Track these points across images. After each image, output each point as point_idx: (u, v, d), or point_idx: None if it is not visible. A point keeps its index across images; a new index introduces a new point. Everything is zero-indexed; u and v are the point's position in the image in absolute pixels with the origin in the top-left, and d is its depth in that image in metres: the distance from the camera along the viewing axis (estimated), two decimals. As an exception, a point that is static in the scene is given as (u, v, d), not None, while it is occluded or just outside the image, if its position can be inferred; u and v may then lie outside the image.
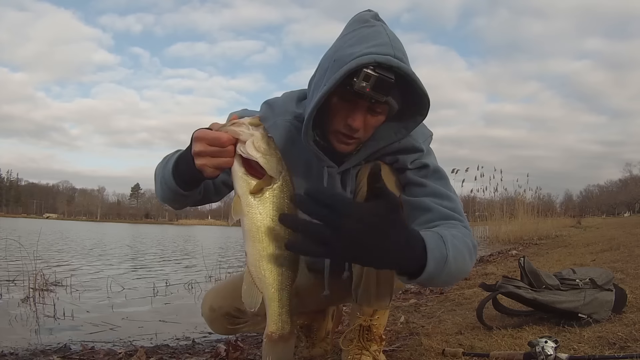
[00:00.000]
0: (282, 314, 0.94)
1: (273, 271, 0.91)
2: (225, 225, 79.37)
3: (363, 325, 1.36)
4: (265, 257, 0.90)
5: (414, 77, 1.07)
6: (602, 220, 28.16)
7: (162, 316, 3.14)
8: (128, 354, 2.05)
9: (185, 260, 8.23)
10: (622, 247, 4.91)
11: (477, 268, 4.84)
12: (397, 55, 1.06)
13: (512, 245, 9.09)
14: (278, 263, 0.91)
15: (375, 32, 1.10)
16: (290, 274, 0.93)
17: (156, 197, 1.31)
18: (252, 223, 0.89)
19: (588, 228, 14.69)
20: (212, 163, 0.93)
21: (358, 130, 1.14)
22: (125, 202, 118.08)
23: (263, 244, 0.90)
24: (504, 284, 1.94)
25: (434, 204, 1.19)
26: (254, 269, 0.92)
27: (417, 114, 1.18)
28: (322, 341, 1.75)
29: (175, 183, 1.09)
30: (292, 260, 0.93)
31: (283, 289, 0.93)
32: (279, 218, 0.86)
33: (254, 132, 0.89)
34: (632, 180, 71.99)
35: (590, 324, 1.77)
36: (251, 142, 0.88)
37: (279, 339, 0.95)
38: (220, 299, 1.46)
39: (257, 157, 0.88)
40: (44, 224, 27.82)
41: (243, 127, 0.90)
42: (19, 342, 2.35)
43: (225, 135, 0.89)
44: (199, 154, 0.93)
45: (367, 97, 1.06)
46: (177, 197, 1.16)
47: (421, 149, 1.27)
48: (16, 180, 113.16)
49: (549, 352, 1.32)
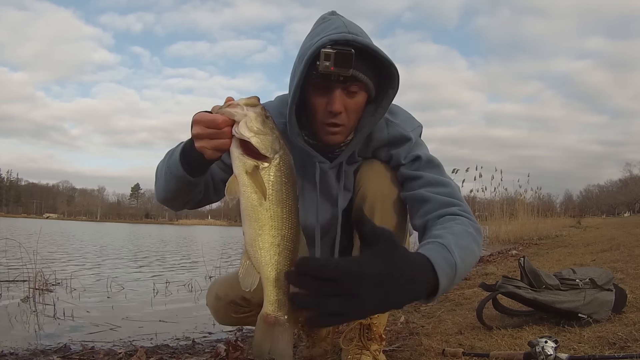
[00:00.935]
0: (279, 294, 0.91)
1: (270, 250, 0.90)
2: (225, 225, 79.50)
3: (363, 324, 1.37)
4: (261, 236, 0.90)
5: (373, 48, 1.14)
6: (602, 220, 28.17)
7: (162, 316, 3.14)
8: (128, 354, 2.05)
9: (185, 260, 8.22)
10: (622, 247, 4.91)
11: (477, 268, 4.84)
12: (352, 32, 1.13)
13: (512, 245, 9.09)
14: (275, 242, 0.90)
15: (330, 22, 1.19)
16: (289, 254, 0.92)
17: (156, 198, 1.30)
18: (247, 202, 0.90)
19: (588, 228, 14.69)
20: (210, 145, 0.95)
21: (340, 114, 1.17)
22: (125, 202, 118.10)
23: (259, 222, 0.90)
24: (504, 284, 1.94)
25: (431, 194, 1.21)
26: (251, 249, 0.91)
27: (389, 88, 1.22)
28: (322, 341, 1.75)
29: (183, 169, 1.10)
30: (291, 240, 0.92)
31: (280, 269, 0.91)
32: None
33: (248, 113, 0.90)
34: (632, 180, 71.99)
35: (590, 324, 1.77)
36: (244, 122, 0.89)
37: (275, 323, 0.92)
38: (226, 287, 1.48)
39: (250, 137, 0.88)
40: (44, 224, 27.82)
41: (237, 108, 0.91)
42: (19, 342, 2.35)
43: (221, 117, 0.91)
44: (197, 136, 0.96)
45: (334, 77, 1.12)
46: (182, 188, 1.16)
47: (409, 137, 1.30)
48: (16, 180, 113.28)
49: (549, 352, 1.32)
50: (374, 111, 1.26)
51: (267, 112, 0.92)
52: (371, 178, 1.32)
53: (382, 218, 1.27)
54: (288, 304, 0.93)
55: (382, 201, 1.29)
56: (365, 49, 1.13)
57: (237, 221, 1.59)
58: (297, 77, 1.15)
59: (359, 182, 1.34)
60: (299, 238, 0.94)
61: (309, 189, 1.35)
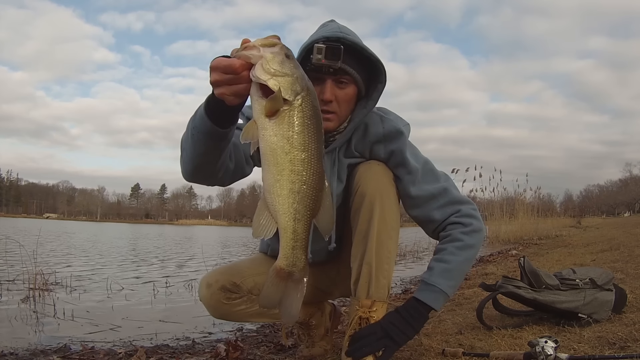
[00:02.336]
0: (295, 247, 0.85)
1: (289, 198, 0.83)
2: (225, 225, 79.50)
3: (362, 317, 1.39)
4: (280, 182, 0.83)
5: (361, 45, 1.29)
6: (602, 220, 28.17)
7: (162, 316, 3.14)
8: (128, 354, 2.05)
9: (185, 260, 8.23)
10: (622, 247, 4.91)
11: (477, 268, 4.84)
12: (343, 31, 1.29)
13: (512, 245, 9.10)
14: (295, 189, 0.84)
15: (327, 26, 1.35)
16: (309, 203, 0.85)
17: (183, 174, 1.23)
18: (267, 145, 0.84)
19: (588, 228, 14.68)
20: (229, 91, 0.94)
21: (331, 102, 1.31)
22: (125, 202, 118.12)
23: (278, 167, 0.83)
24: (504, 284, 1.94)
25: (434, 211, 1.42)
26: (269, 195, 0.85)
27: (378, 82, 1.37)
28: (322, 340, 1.75)
29: (211, 122, 1.05)
30: (312, 187, 0.85)
31: (299, 219, 0.84)
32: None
33: (264, 54, 0.84)
34: (632, 180, 71.99)
35: (590, 324, 1.77)
36: (260, 64, 0.84)
37: (287, 277, 0.87)
38: (216, 274, 1.53)
39: (267, 80, 0.83)
40: (43, 224, 27.83)
41: (254, 49, 0.86)
42: (19, 342, 2.35)
43: (237, 62, 0.88)
44: (216, 83, 0.95)
45: (325, 69, 1.26)
46: (212, 148, 1.12)
47: (402, 131, 1.44)
48: (16, 180, 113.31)
49: (549, 352, 1.32)
50: (365, 104, 1.40)
51: (288, 51, 0.88)
52: (370, 177, 1.41)
53: (381, 213, 1.38)
54: (304, 259, 0.87)
55: (381, 199, 1.39)
56: (354, 47, 1.28)
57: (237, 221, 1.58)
58: None
59: (358, 181, 1.41)
60: (322, 185, 0.87)
61: None
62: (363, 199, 1.39)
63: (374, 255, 1.38)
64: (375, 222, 1.37)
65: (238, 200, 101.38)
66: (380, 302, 1.41)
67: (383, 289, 1.40)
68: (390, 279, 1.43)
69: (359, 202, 1.40)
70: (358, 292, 1.40)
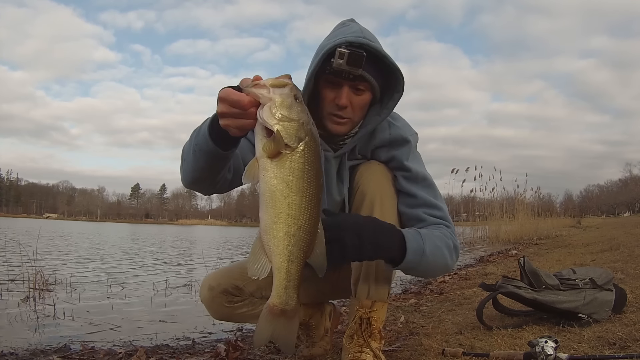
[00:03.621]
0: (288, 287, 0.88)
1: (284, 240, 0.87)
2: (225, 225, 79.49)
3: (362, 317, 1.39)
4: (277, 224, 0.86)
5: (383, 53, 1.25)
6: (602, 220, 28.19)
7: (162, 316, 3.14)
8: (128, 354, 2.05)
9: (185, 260, 8.22)
10: (622, 247, 4.91)
11: (477, 268, 4.84)
12: (366, 37, 1.25)
13: (512, 245, 9.10)
14: (290, 232, 0.86)
15: (349, 27, 1.30)
16: (303, 246, 0.88)
17: (183, 181, 1.28)
18: (266, 187, 0.86)
19: (588, 228, 14.69)
20: (235, 124, 0.95)
21: (346, 107, 1.28)
22: (125, 202, 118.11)
23: (276, 209, 0.86)
24: (504, 284, 1.94)
25: (426, 215, 1.36)
26: (265, 236, 0.88)
27: (395, 92, 1.33)
28: (322, 340, 1.75)
29: (214, 143, 1.08)
30: (307, 232, 0.88)
31: (292, 260, 0.87)
32: None
33: (273, 96, 0.86)
34: (632, 180, 72.03)
35: (590, 324, 1.77)
36: (268, 107, 0.85)
37: (280, 314, 0.90)
38: (218, 277, 1.52)
39: (273, 125, 0.84)
40: (43, 224, 27.83)
41: (263, 90, 0.87)
42: (19, 342, 2.35)
43: (246, 98, 0.89)
44: (222, 114, 0.96)
45: (345, 75, 1.23)
46: (212, 165, 1.15)
47: (408, 140, 1.42)
48: (16, 180, 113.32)
49: (549, 352, 1.32)
50: (379, 111, 1.37)
51: (297, 93, 0.89)
52: (371, 177, 1.40)
53: (381, 212, 1.35)
54: (296, 298, 0.91)
55: (381, 198, 1.37)
56: (376, 54, 1.24)
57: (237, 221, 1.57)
58: (311, 69, 1.26)
59: (359, 181, 1.41)
60: (316, 230, 0.90)
61: None
62: (363, 199, 1.38)
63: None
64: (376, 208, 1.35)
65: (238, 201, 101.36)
66: (380, 302, 1.40)
67: (383, 289, 1.40)
68: (390, 280, 1.42)
69: (359, 202, 1.39)
70: (358, 292, 1.40)
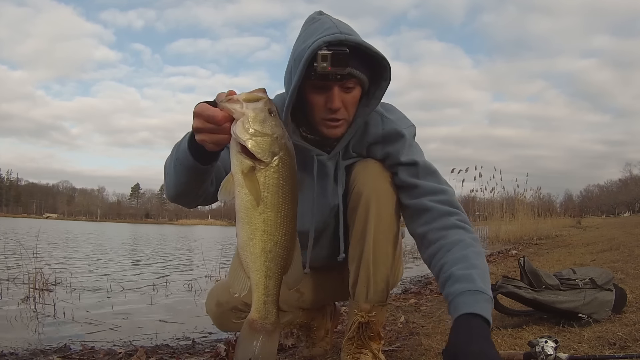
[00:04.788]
0: (267, 302, 0.89)
1: (261, 256, 0.87)
2: (225, 225, 79.41)
3: (362, 322, 1.36)
4: (253, 241, 0.86)
5: (365, 45, 1.19)
6: (602, 220, 28.18)
7: (162, 316, 3.14)
8: (128, 354, 2.05)
9: (185, 259, 8.23)
10: (622, 247, 4.91)
11: (477, 268, 4.82)
12: (343, 31, 1.19)
13: (512, 245, 9.09)
14: (267, 248, 0.87)
15: (321, 23, 1.24)
16: (280, 261, 0.88)
17: (166, 196, 1.28)
18: (242, 203, 0.85)
19: (588, 228, 14.68)
20: (210, 139, 0.94)
21: (339, 110, 1.23)
22: (125, 202, 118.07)
23: (251, 226, 0.86)
24: (504, 284, 1.94)
25: (432, 203, 1.28)
26: (242, 252, 0.88)
27: (382, 80, 1.27)
28: (322, 340, 1.75)
29: (193, 158, 1.07)
30: (284, 247, 0.88)
31: (270, 276, 0.88)
32: None
33: (246, 111, 0.84)
34: (632, 180, 72.01)
35: (590, 324, 1.76)
36: (241, 122, 0.84)
37: (260, 329, 0.91)
38: (227, 294, 1.46)
39: (245, 140, 0.83)
40: (43, 224, 27.83)
41: (237, 104, 0.86)
42: (19, 342, 2.35)
43: (220, 113, 0.88)
44: (197, 130, 0.95)
45: (332, 76, 1.17)
46: (193, 180, 1.14)
47: (403, 134, 1.35)
48: (16, 180, 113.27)
49: (549, 352, 1.31)
50: (367, 102, 1.31)
51: (271, 107, 0.87)
52: (367, 176, 1.35)
53: (377, 214, 1.31)
54: (276, 312, 0.91)
55: (377, 198, 1.32)
56: (358, 47, 1.19)
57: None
58: (295, 79, 1.19)
59: (355, 180, 1.36)
60: (293, 245, 0.90)
61: (308, 182, 1.37)
62: (359, 199, 1.33)
63: (371, 257, 1.32)
64: (371, 222, 1.31)
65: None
66: (379, 305, 1.37)
67: (382, 292, 1.36)
68: (389, 282, 1.38)
69: (355, 202, 1.35)
70: (357, 295, 1.37)
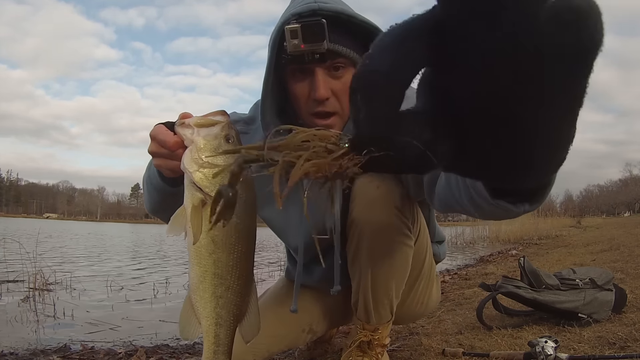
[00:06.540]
0: (217, 352, 0.79)
1: (211, 302, 0.77)
2: (225, 225, 79.24)
3: (364, 341, 1.27)
4: (204, 284, 0.76)
5: (349, 12, 0.96)
6: (602, 220, 28.18)
7: (162, 316, 3.14)
8: (128, 354, 2.05)
9: (185, 260, 8.21)
10: (622, 247, 4.91)
11: (477, 268, 4.84)
12: (319, 0, 0.96)
13: (512, 245, 9.10)
14: (217, 294, 0.77)
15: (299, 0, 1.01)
16: (233, 309, 0.78)
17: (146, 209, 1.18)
18: (190, 242, 0.76)
19: (588, 228, 14.68)
20: (165, 165, 0.84)
21: (327, 99, 1.00)
22: (125, 202, 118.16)
23: (201, 267, 0.76)
24: (504, 284, 1.94)
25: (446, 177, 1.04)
26: (193, 295, 0.79)
27: None
28: (324, 342, 1.74)
29: (162, 180, 0.96)
30: (236, 293, 0.78)
31: (221, 324, 0.78)
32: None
33: (196, 139, 0.74)
34: (632, 180, 72.08)
35: (590, 324, 1.77)
36: (189, 152, 0.74)
37: None
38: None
39: (192, 173, 0.73)
40: (43, 224, 27.85)
41: (188, 130, 0.76)
42: (19, 342, 2.35)
43: (172, 139, 0.79)
44: (152, 154, 0.86)
45: (309, 56, 0.94)
46: (165, 200, 1.02)
47: None
48: (16, 180, 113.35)
49: (549, 352, 1.32)
50: None
51: (229, 132, 0.75)
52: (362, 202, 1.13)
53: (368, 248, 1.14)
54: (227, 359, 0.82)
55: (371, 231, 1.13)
56: (339, 17, 0.95)
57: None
58: (267, 67, 1.00)
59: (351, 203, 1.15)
60: (248, 290, 0.80)
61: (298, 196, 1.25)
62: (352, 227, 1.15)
63: (369, 282, 1.18)
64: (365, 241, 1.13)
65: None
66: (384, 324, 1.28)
67: (384, 312, 1.24)
68: (392, 299, 1.23)
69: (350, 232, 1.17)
70: (359, 314, 1.25)
